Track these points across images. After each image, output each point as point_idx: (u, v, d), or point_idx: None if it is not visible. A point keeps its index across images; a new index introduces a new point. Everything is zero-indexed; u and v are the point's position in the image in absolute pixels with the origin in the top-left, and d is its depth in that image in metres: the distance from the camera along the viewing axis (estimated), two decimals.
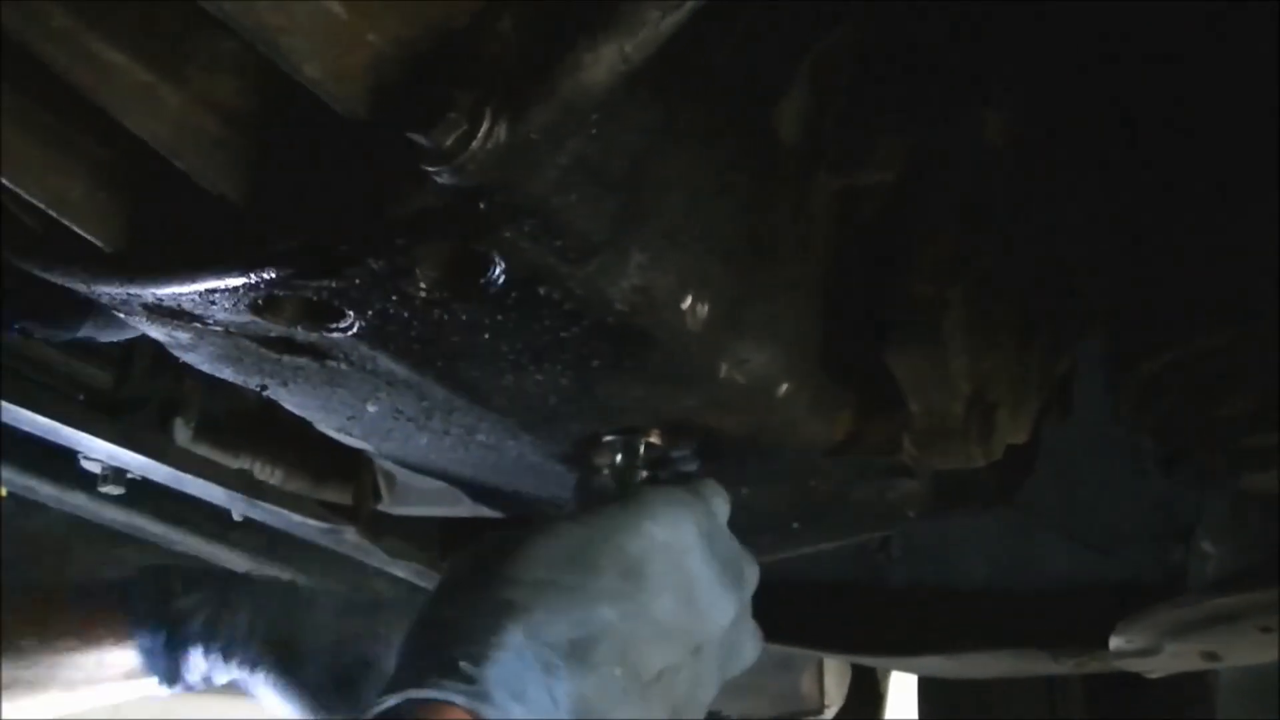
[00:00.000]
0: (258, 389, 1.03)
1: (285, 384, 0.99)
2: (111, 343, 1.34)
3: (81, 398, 1.50)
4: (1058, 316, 1.05)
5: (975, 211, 0.96)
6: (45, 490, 1.56)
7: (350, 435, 1.12)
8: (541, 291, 0.77)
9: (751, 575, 0.92)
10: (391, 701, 0.75)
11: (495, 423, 0.95)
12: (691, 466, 1.00)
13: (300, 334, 0.84)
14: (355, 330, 0.81)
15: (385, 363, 0.86)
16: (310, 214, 0.74)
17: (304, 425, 1.17)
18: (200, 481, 1.61)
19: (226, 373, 1.00)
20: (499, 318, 0.79)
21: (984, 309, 0.96)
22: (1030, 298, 1.02)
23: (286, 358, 0.92)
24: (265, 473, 1.80)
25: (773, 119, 0.88)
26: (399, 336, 0.82)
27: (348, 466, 1.80)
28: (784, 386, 0.92)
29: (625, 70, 0.67)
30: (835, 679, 2.29)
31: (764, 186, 0.87)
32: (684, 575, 0.86)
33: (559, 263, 0.75)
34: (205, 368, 1.02)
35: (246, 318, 0.82)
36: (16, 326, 1.24)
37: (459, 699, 0.74)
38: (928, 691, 2.30)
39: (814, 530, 1.17)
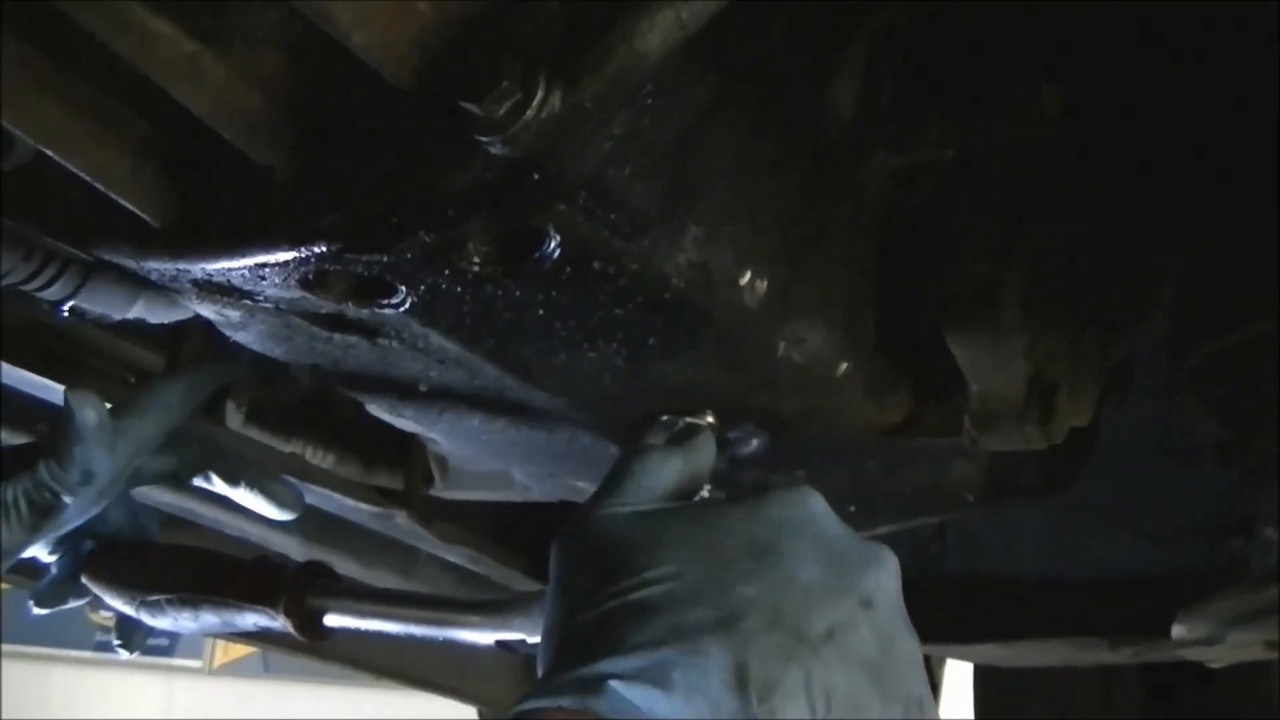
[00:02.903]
0: (309, 368, 1.02)
1: (337, 363, 0.98)
2: (162, 325, 1.34)
3: (133, 380, 1.50)
4: (1113, 301, 1.03)
5: (1030, 192, 0.94)
6: None
7: (402, 417, 1.11)
8: (596, 267, 0.75)
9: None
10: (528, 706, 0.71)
11: (547, 403, 0.94)
12: (749, 448, 0.98)
13: (351, 310, 0.83)
14: (406, 306, 0.80)
15: (437, 340, 0.85)
16: (360, 187, 0.73)
17: (356, 410, 1.17)
18: None
19: (278, 351, 1.00)
20: (552, 294, 0.78)
21: (1041, 290, 0.93)
22: (1085, 281, 0.99)
23: (338, 336, 0.91)
24: (316, 458, 1.81)
25: (827, 96, 0.87)
26: (450, 313, 0.80)
27: (399, 451, 1.80)
28: (842, 367, 0.90)
29: (680, 37, 0.65)
30: None
31: (817, 165, 0.86)
32: (820, 540, 0.80)
33: (613, 237, 0.74)
34: (256, 346, 1.01)
35: (296, 293, 0.81)
36: (66, 309, 1.24)
37: (600, 705, 0.70)
38: (984, 689, 2.28)
39: (871, 514, 1.15)
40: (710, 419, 0.95)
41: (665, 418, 0.95)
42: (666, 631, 0.74)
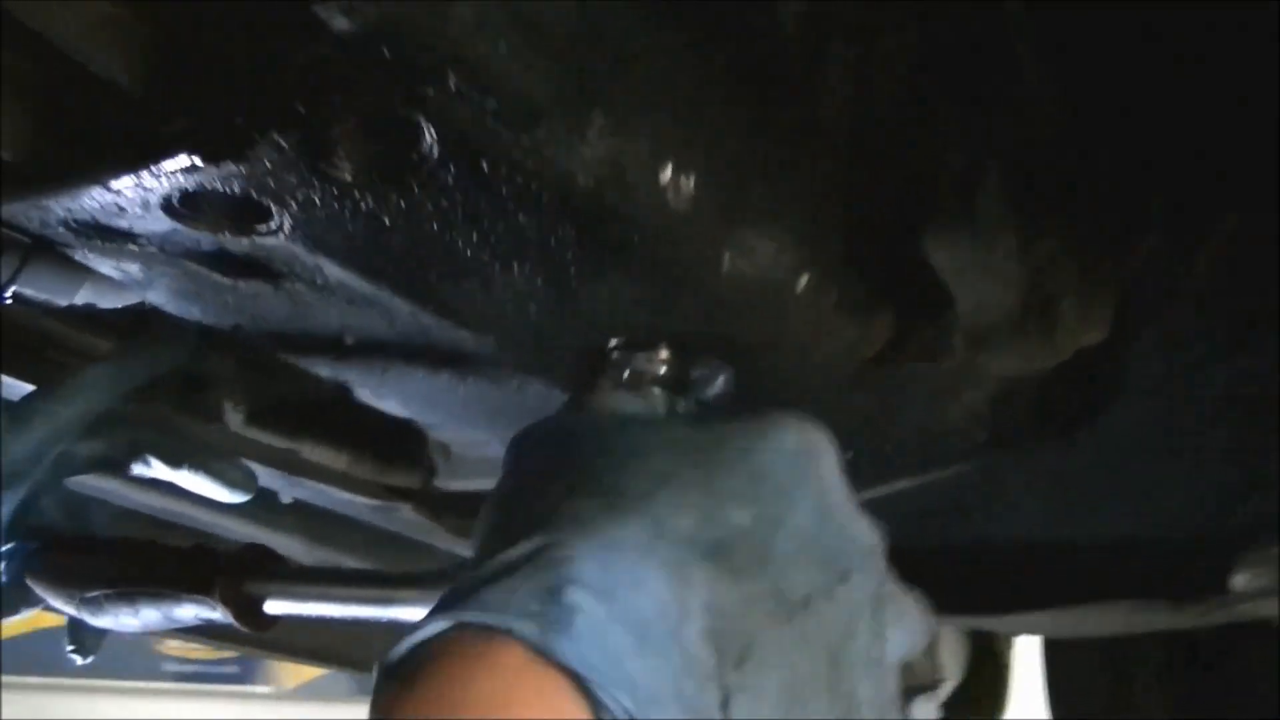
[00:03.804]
0: (231, 329, 0.93)
1: (255, 319, 0.89)
2: (119, 312, 1.25)
3: None
4: (1120, 200, 0.90)
5: (1008, 76, 0.82)
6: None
7: (352, 382, 1.02)
8: (485, 166, 0.65)
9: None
10: (431, 630, 0.58)
11: (476, 345, 0.84)
12: (715, 389, 0.87)
13: (230, 242, 0.73)
14: (285, 231, 0.71)
15: (334, 273, 0.75)
16: (203, 88, 0.64)
17: (365, 407, 1.09)
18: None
19: (194, 311, 0.91)
20: (443, 204, 0.68)
21: (1029, 185, 0.82)
22: (1084, 176, 0.87)
23: (241, 283, 0.82)
24: (328, 458, 1.72)
25: None
26: (336, 237, 0.71)
27: (414, 447, 1.71)
28: (803, 280, 0.79)
29: None
30: (950, 649, 2.12)
31: (756, 51, 0.75)
32: (820, 485, 0.69)
33: (499, 128, 0.64)
34: (171, 308, 0.93)
35: (166, 225, 0.72)
36: (8, 296, 1.16)
37: (529, 630, 0.56)
38: (1057, 682, 2.14)
39: (873, 463, 1.04)
40: (665, 353, 0.85)
41: (615, 351, 0.84)
42: (647, 534, 0.62)
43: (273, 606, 0.93)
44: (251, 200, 0.68)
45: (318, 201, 0.67)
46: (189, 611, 0.96)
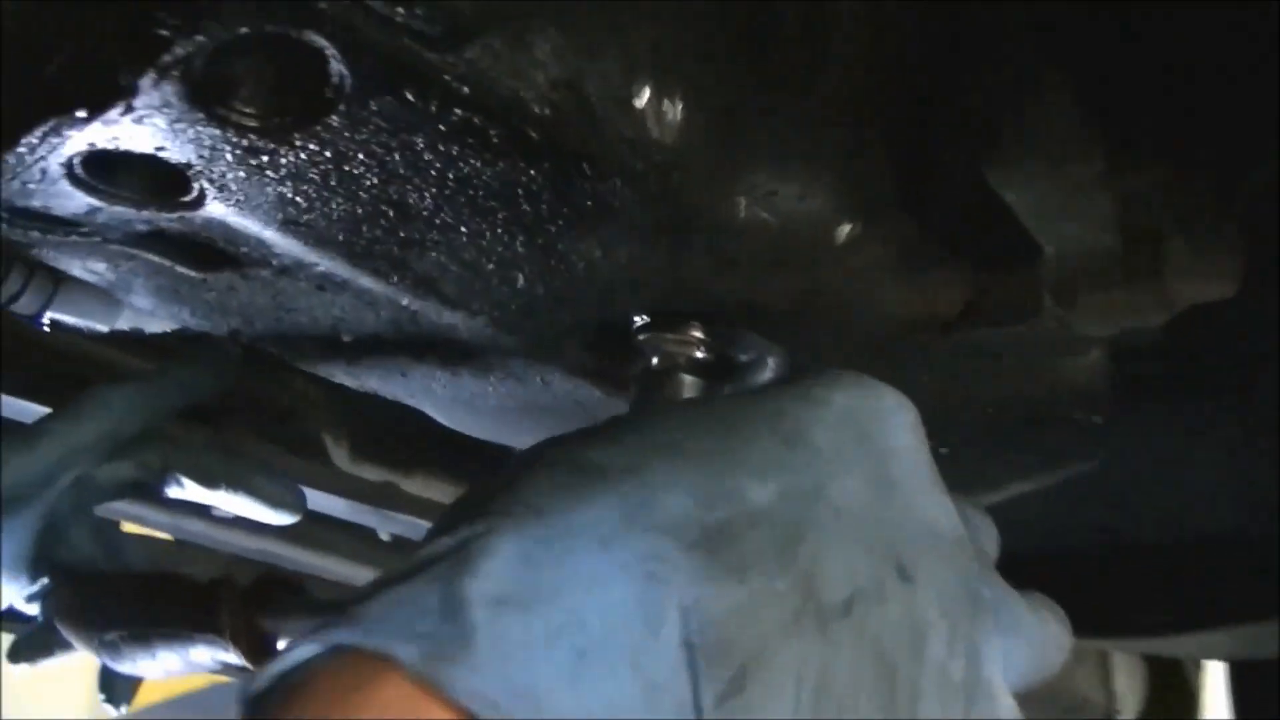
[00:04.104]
0: (230, 334, 0.84)
1: (245, 320, 0.80)
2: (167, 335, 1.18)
3: None
4: (1228, 112, 0.73)
5: None
6: (155, 517, 1.40)
7: (374, 389, 0.92)
8: (411, 97, 0.54)
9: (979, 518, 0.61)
10: (299, 656, 0.46)
11: (471, 331, 0.73)
12: (764, 376, 0.75)
13: (163, 219, 0.64)
14: (209, 198, 0.61)
15: (283, 248, 0.65)
16: (79, 25, 0.54)
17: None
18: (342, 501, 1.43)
19: (184, 315, 0.82)
20: (374, 148, 0.57)
21: (1112, 99, 0.67)
22: (1180, 83, 0.71)
23: (209, 275, 0.72)
24: (437, 490, 1.62)
25: None
26: (264, 200, 0.61)
27: None
28: (844, 229, 0.66)
29: None
30: (1126, 676, 1.92)
31: None
32: (880, 450, 0.54)
33: (419, 48, 0.52)
34: (164, 315, 0.84)
35: (82, 202, 0.62)
36: (45, 322, 1.10)
37: (412, 655, 0.44)
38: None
39: (976, 458, 0.89)
40: (697, 333, 0.72)
41: (640, 332, 0.72)
42: (614, 519, 0.48)
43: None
44: (163, 165, 0.59)
45: (229, 157, 0.57)
46: (205, 654, 0.86)
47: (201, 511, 1.40)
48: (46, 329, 1.07)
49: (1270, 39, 0.64)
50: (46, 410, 1.04)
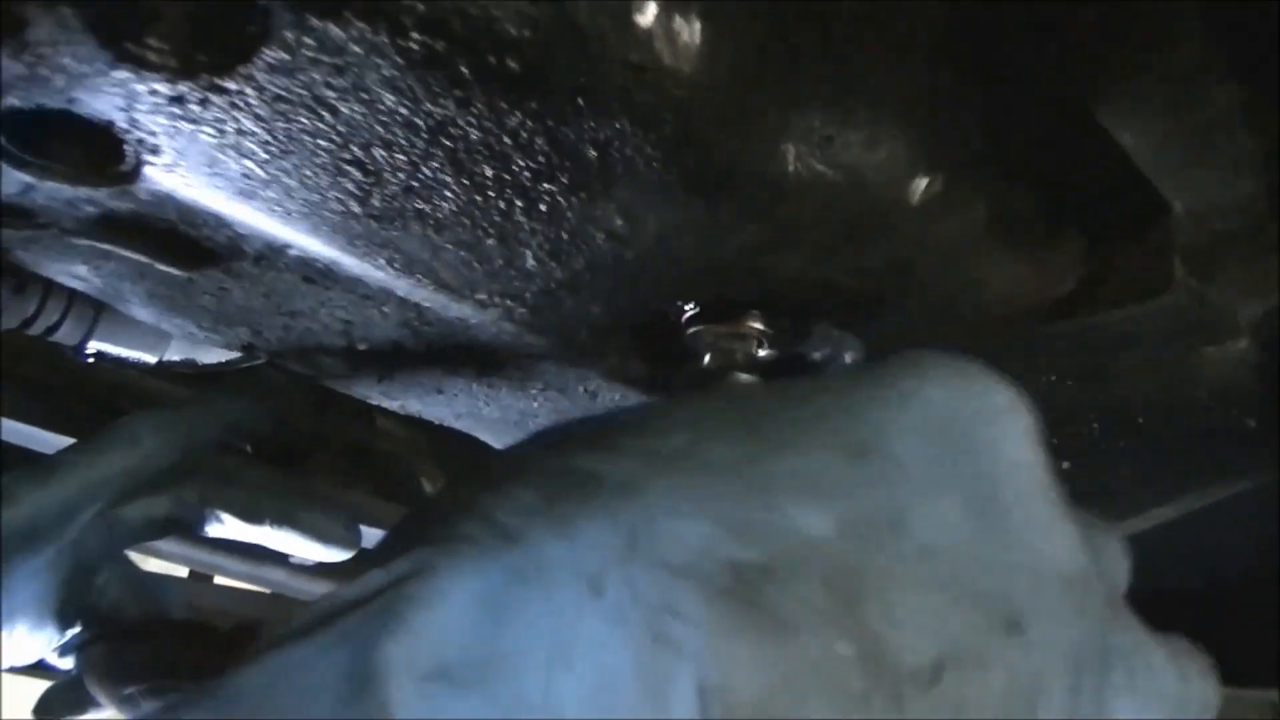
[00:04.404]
0: (245, 348, 0.75)
1: (248, 326, 0.71)
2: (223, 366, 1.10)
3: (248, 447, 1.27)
4: None
5: None
6: (236, 567, 1.33)
7: (414, 411, 0.82)
8: (355, 21, 0.44)
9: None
10: None
11: (492, 329, 0.62)
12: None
13: (106, 199, 0.54)
14: (145, 167, 0.51)
15: (252, 228, 0.55)
16: None
17: None
18: None
19: (188, 325, 0.75)
20: (324, 92, 0.47)
21: (1252, 11, 0.54)
22: None
23: (195, 275, 0.63)
24: None
25: None
26: (208, 165, 0.51)
27: None
28: (918, 185, 0.54)
29: None
30: None
31: None
32: (981, 465, 0.40)
33: None
34: (167, 326, 0.76)
35: (15, 180, 0.53)
36: (89, 353, 1.03)
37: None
38: None
39: (1113, 471, 0.76)
40: (757, 324, 0.61)
41: (690, 323, 0.61)
42: (610, 551, 0.35)
43: None
44: (87, 127, 0.49)
45: (152, 109, 0.47)
46: None
47: (279, 559, 1.32)
48: (91, 360, 1.00)
49: None
50: None
